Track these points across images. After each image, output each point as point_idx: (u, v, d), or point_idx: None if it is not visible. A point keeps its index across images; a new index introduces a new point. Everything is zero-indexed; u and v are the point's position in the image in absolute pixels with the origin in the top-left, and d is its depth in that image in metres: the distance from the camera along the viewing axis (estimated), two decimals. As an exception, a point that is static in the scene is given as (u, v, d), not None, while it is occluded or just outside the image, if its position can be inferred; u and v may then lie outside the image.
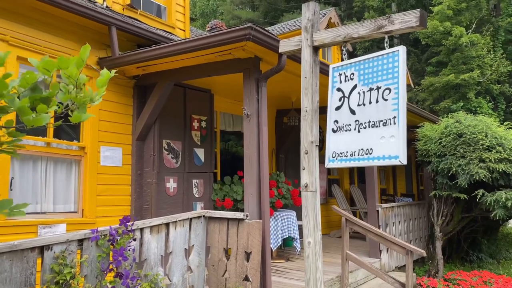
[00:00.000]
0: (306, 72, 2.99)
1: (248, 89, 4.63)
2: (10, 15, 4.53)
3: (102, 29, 5.22)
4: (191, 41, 4.48)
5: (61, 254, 3.16)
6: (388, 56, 2.53)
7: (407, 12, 2.50)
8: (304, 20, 3.04)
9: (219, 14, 36.52)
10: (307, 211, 2.96)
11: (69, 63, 1.78)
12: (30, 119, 1.75)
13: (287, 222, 6.56)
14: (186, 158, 6.05)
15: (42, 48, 4.74)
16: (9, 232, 4.26)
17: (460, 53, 20.65)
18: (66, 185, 5.01)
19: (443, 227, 7.95)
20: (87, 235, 3.34)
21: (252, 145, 4.55)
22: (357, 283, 6.22)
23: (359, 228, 5.92)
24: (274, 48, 4.34)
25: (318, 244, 2.95)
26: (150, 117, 5.45)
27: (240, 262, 4.27)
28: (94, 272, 3.38)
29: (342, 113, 2.67)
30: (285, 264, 6.43)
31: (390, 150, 2.27)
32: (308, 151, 2.95)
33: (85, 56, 1.86)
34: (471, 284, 6.91)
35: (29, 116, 1.74)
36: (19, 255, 2.95)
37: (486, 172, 6.81)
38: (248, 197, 4.52)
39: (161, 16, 6.83)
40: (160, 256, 3.93)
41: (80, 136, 5.13)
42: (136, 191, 5.50)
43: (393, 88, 2.40)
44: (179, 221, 4.14)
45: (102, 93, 1.94)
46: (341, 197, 9.91)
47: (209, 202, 6.31)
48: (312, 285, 2.93)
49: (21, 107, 1.71)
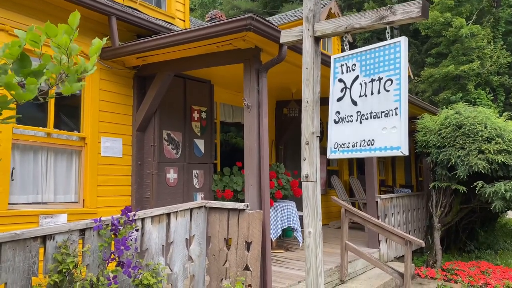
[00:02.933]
0: (308, 62, 2.98)
1: (248, 80, 4.62)
2: (11, 5, 4.50)
3: (101, 19, 5.19)
4: (191, 31, 4.46)
5: (64, 244, 3.17)
6: (390, 47, 2.53)
7: (409, 2, 2.49)
8: (305, 10, 3.03)
9: (218, 4, 36.27)
10: (308, 201, 2.98)
11: (57, 31, 1.76)
12: (21, 94, 1.71)
13: (286, 212, 6.60)
14: (186, 149, 6.06)
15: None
16: (11, 222, 4.28)
17: (460, 44, 20.60)
18: (66, 175, 5.02)
19: (442, 218, 8.00)
20: (89, 224, 3.36)
21: (252, 136, 4.56)
22: (356, 273, 6.27)
23: (359, 218, 5.96)
24: (274, 38, 4.32)
25: (319, 234, 2.98)
26: (150, 108, 5.45)
27: (241, 252, 4.30)
28: (96, 262, 3.40)
29: (343, 104, 2.67)
30: (285, 254, 6.48)
31: (392, 141, 2.28)
32: (309, 142, 2.96)
33: (75, 23, 1.83)
34: (469, 274, 6.98)
35: (18, 90, 1.70)
36: (22, 244, 2.97)
37: (485, 164, 6.83)
38: (249, 188, 4.54)
39: (161, 6, 6.79)
40: (161, 246, 3.96)
41: (81, 127, 5.13)
42: (137, 182, 5.52)
43: (395, 79, 2.40)
44: (180, 211, 4.16)
45: (94, 61, 1.93)
46: (340, 188, 9.95)
47: (209, 192, 6.33)
48: (313, 274, 2.96)
49: (8, 82, 1.67)
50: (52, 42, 1.77)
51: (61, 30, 1.75)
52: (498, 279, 6.71)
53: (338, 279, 5.74)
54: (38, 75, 1.73)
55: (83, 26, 5.08)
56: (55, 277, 3.04)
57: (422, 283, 6.80)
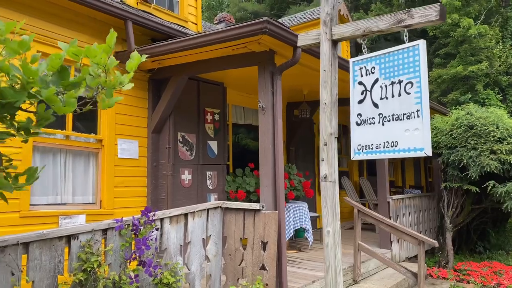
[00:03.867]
0: (325, 65, 3.04)
1: (263, 82, 4.69)
2: (30, 10, 4.61)
3: (117, 23, 5.28)
4: (207, 35, 4.53)
5: (87, 243, 3.25)
6: (409, 50, 2.58)
7: (427, 6, 2.54)
8: (323, 14, 3.09)
9: (225, 6, 36.43)
10: (326, 201, 3.04)
11: (97, 52, 1.83)
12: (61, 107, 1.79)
13: (299, 213, 6.65)
14: (200, 151, 6.14)
15: (60, 42, 4.82)
16: (32, 222, 4.38)
17: (468, 44, 20.52)
18: (84, 177, 5.12)
19: (453, 218, 8.01)
20: (111, 224, 3.44)
21: (267, 137, 4.62)
22: (369, 273, 6.31)
23: (371, 219, 6.00)
24: (289, 41, 4.39)
25: (337, 233, 3.03)
26: (165, 110, 5.54)
27: (257, 251, 4.36)
28: (118, 261, 3.48)
29: (365, 106, 2.73)
30: (298, 254, 6.53)
31: (415, 143, 2.34)
32: (327, 143, 3.02)
33: (112, 43, 1.91)
34: (481, 275, 6.98)
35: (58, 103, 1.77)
36: (48, 244, 3.05)
37: (497, 164, 6.84)
38: (264, 189, 4.60)
39: (174, 10, 6.88)
40: (179, 245, 4.03)
41: (98, 129, 5.23)
42: (152, 183, 5.61)
43: (415, 82, 2.45)
44: (197, 211, 4.24)
45: (131, 76, 1.99)
46: (350, 189, 9.98)
47: (223, 193, 6.40)
48: (332, 273, 3.02)
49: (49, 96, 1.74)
50: (91, 61, 1.85)
51: (100, 50, 1.82)
52: (511, 280, 6.70)
53: (351, 279, 5.79)
54: (76, 86, 1.80)
55: (99, 30, 5.23)
56: (80, 276, 3.12)
57: (434, 283, 6.81)
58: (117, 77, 1.92)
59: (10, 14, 4.41)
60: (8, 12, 4.40)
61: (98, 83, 1.91)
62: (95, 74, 1.86)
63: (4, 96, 1.61)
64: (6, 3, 4.42)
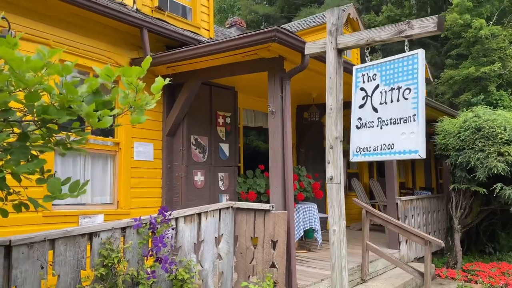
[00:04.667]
0: (331, 73, 3.23)
1: (272, 87, 4.88)
2: (52, 21, 4.87)
3: (133, 31, 5.53)
4: (219, 43, 4.75)
5: (108, 240, 3.48)
6: (408, 58, 2.75)
7: (426, 18, 2.72)
8: (328, 24, 3.28)
9: (236, 9, 36.71)
10: (332, 202, 3.21)
11: (132, 73, 2.06)
12: (96, 122, 2.03)
13: (308, 214, 6.82)
14: (212, 153, 6.36)
15: (80, 50, 5.08)
16: (55, 221, 4.63)
17: (480, 45, 20.42)
18: (102, 178, 5.37)
19: (462, 219, 8.09)
20: (129, 223, 3.66)
21: (277, 140, 4.81)
22: (377, 273, 6.44)
23: (379, 219, 6.14)
24: (297, 48, 4.58)
25: (343, 232, 3.21)
26: (179, 114, 5.77)
27: (267, 250, 4.55)
28: (136, 257, 3.70)
29: (365, 111, 2.91)
30: (307, 254, 6.70)
31: (410, 145, 2.51)
32: (333, 146, 3.20)
33: (147, 67, 2.12)
34: (489, 275, 7.06)
35: (95, 119, 2.02)
36: (72, 240, 3.28)
37: (505, 166, 6.92)
38: (274, 190, 4.79)
39: (187, 17, 7.12)
40: (193, 243, 4.24)
41: (115, 133, 5.48)
42: (167, 184, 5.84)
43: (413, 88, 2.62)
44: (210, 211, 4.44)
45: (158, 98, 2.22)
46: (360, 191, 10.11)
47: (234, 194, 6.60)
48: (337, 270, 3.19)
49: (89, 112, 1.99)
50: (125, 80, 2.06)
51: (134, 72, 2.04)
52: (519, 280, 6.77)
53: (359, 278, 5.93)
54: (108, 105, 2.03)
55: (116, 38, 5.48)
56: (101, 270, 3.34)
57: (442, 283, 6.91)
58: (144, 98, 2.13)
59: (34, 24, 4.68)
60: (31, 23, 4.67)
61: (128, 103, 2.13)
62: (124, 94, 2.08)
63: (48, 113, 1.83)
64: (31, 14, 4.69)
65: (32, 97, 1.86)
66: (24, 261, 2.98)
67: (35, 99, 1.87)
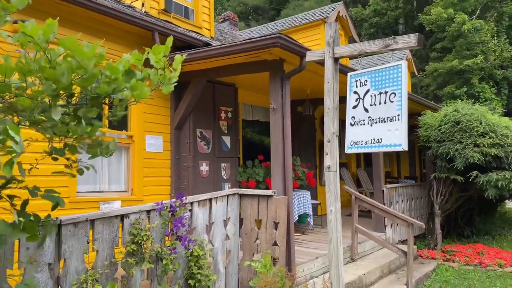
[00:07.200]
0: (329, 78, 3.81)
1: (273, 86, 5.44)
2: (72, 25, 5.34)
3: (144, 34, 6.02)
4: (226, 47, 5.28)
5: (136, 221, 4.04)
6: (394, 68, 3.35)
7: (408, 35, 3.31)
8: (327, 36, 3.85)
9: (226, 0, 36.96)
10: (330, 186, 3.82)
11: (160, 50, 2.57)
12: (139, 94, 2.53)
13: (302, 200, 7.45)
14: (215, 145, 6.92)
15: (98, 52, 5.56)
16: (78, 207, 5.15)
17: (463, 39, 21.14)
18: (118, 168, 5.90)
19: (442, 205, 8.82)
20: (153, 206, 4.22)
21: (277, 134, 5.39)
22: (365, 253, 7.13)
23: (367, 204, 6.80)
24: (296, 51, 5.14)
25: (338, 211, 3.82)
26: (186, 110, 6.30)
27: (270, 230, 5.16)
28: (159, 236, 4.26)
29: (358, 111, 3.51)
30: (301, 236, 7.35)
31: (395, 140, 3.11)
32: (330, 140, 3.79)
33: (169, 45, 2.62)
34: (465, 255, 7.81)
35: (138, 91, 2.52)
36: (108, 221, 3.83)
37: (480, 156, 7.64)
38: (275, 177, 5.38)
39: (189, 18, 7.61)
40: (205, 225, 4.82)
41: (129, 127, 6.00)
42: (175, 173, 6.39)
43: (397, 93, 3.22)
44: (219, 197, 5.02)
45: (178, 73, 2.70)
46: (348, 179, 10.79)
47: (235, 183, 7.19)
48: (334, 242, 3.81)
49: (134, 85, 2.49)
50: (155, 58, 2.56)
51: (162, 49, 2.55)
52: (491, 259, 7.53)
53: (349, 258, 6.60)
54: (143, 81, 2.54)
55: (132, 40, 5.99)
56: (132, 247, 3.90)
57: (423, 262, 7.64)
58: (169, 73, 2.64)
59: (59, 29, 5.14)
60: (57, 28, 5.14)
61: (158, 78, 2.65)
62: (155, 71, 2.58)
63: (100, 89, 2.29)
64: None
65: (90, 80, 2.31)
66: (71, 238, 3.53)
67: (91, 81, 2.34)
